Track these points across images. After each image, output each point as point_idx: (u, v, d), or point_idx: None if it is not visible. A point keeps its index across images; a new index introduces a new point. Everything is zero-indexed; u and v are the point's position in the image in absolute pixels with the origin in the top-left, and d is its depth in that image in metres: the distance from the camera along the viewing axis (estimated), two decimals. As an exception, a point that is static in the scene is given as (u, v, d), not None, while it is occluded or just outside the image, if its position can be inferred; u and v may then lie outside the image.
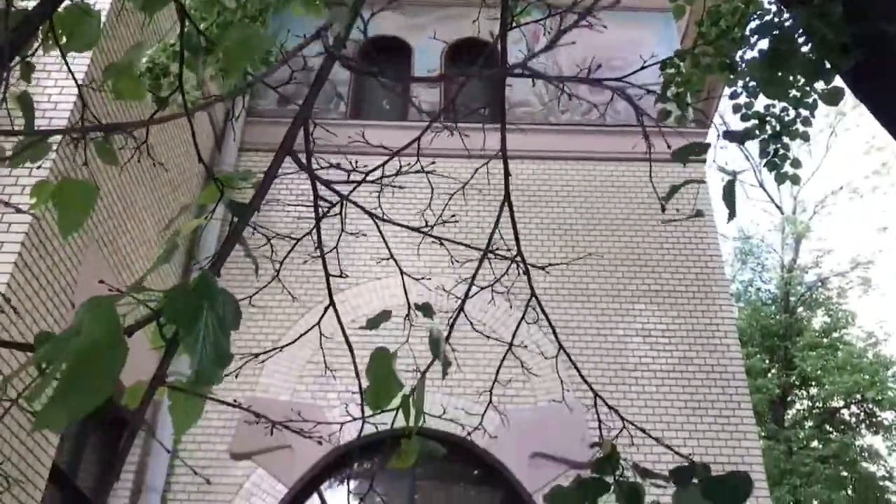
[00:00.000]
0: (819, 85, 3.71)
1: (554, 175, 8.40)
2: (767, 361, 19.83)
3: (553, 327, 2.69)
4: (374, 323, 1.89)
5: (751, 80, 4.22)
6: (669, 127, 3.09)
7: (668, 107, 4.82)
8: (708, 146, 1.96)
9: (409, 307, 2.03)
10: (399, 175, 2.15)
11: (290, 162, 1.87)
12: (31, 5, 1.84)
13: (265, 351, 2.38)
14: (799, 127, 4.32)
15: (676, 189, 2.07)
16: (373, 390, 1.66)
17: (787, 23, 3.40)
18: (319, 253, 1.95)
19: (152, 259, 6.60)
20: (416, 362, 2.29)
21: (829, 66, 3.30)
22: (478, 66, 2.30)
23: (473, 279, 2.43)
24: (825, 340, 19.63)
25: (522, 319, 2.56)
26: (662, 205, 1.86)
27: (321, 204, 1.94)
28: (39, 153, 1.89)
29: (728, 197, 2.01)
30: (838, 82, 3.51)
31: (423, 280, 2.73)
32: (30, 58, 2.13)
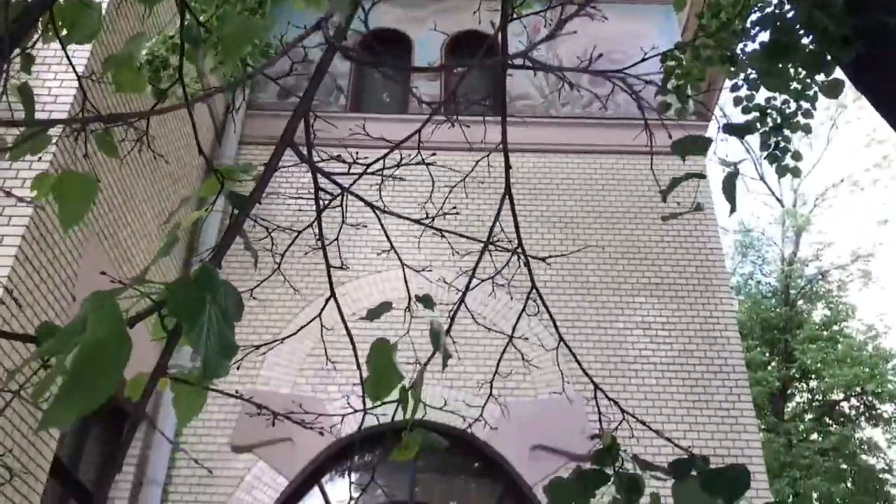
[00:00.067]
0: (819, 77, 3.70)
1: (554, 168, 8.39)
2: (767, 354, 19.84)
3: (553, 319, 2.69)
4: (375, 314, 1.88)
5: (752, 73, 4.22)
6: (670, 119, 3.08)
7: (669, 99, 4.81)
8: (709, 141, 1.95)
9: (410, 299, 2.03)
10: (400, 167, 2.15)
11: (291, 155, 1.87)
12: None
13: (266, 343, 2.38)
14: (800, 119, 4.31)
15: (677, 182, 2.07)
16: (373, 381, 1.66)
17: (788, 14, 3.39)
18: (320, 245, 1.95)
19: (153, 252, 6.60)
20: (417, 355, 2.30)
21: (830, 58, 3.29)
22: (478, 58, 2.30)
23: (474, 271, 2.43)
24: (825, 333, 19.64)
25: (523, 311, 2.56)
26: (664, 195, 1.85)
27: (322, 196, 1.94)
28: (40, 145, 1.89)
29: (728, 190, 2.01)
30: (839, 74, 3.50)
31: (424, 272, 2.73)
32: (30, 49, 2.13)
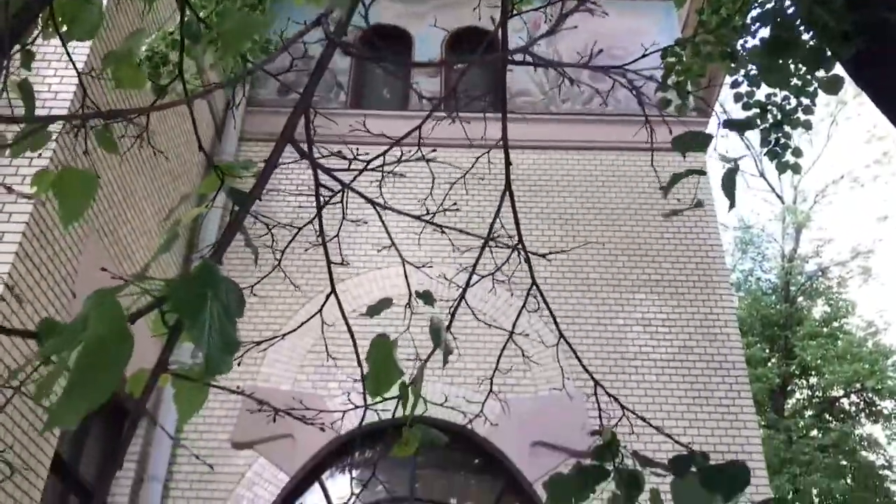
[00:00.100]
0: (820, 73, 3.70)
1: (555, 165, 8.39)
2: (767, 351, 19.85)
3: (554, 316, 2.69)
4: (375, 310, 1.88)
5: (752, 69, 4.21)
6: (671, 116, 3.08)
7: (669, 95, 4.81)
8: (710, 138, 1.95)
9: (410, 295, 2.04)
10: (400, 163, 2.15)
11: (291, 151, 1.87)
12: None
13: (267, 339, 2.38)
14: (800, 115, 4.31)
15: (678, 178, 2.07)
16: (373, 377, 1.66)
17: (789, 10, 3.39)
18: (321, 241, 1.95)
19: (153, 249, 6.60)
20: (417, 351, 2.30)
21: (830, 55, 3.29)
22: (479, 53, 2.29)
23: (475, 267, 2.43)
24: (825, 330, 19.65)
25: (523, 308, 2.56)
26: (664, 192, 1.85)
27: (322, 192, 1.94)
28: (40, 141, 1.88)
29: (728, 186, 2.01)
30: (839, 70, 3.50)
31: (424, 268, 2.73)
32: (30, 46, 2.12)
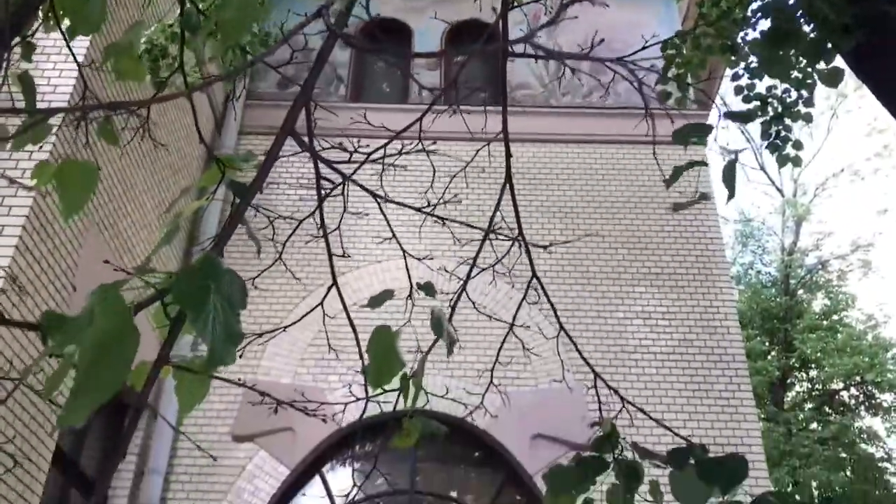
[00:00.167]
0: (820, 66, 3.70)
1: (555, 158, 8.39)
2: (767, 344, 19.86)
3: (554, 308, 2.70)
4: (377, 301, 1.89)
5: (752, 61, 4.21)
6: (672, 109, 3.08)
7: (669, 88, 4.81)
8: (710, 128, 1.95)
9: (412, 287, 2.04)
10: (401, 155, 2.15)
11: (291, 144, 1.87)
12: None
13: (269, 331, 2.39)
14: (801, 108, 4.31)
15: (681, 171, 2.07)
16: (374, 368, 1.66)
17: (790, 2, 3.38)
18: (322, 233, 1.95)
19: (153, 242, 6.61)
20: (419, 343, 2.30)
21: (830, 47, 3.28)
22: (479, 43, 2.29)
23: (475, 259, 2.43)
24: (825, 323, 19.66)
25: (524, 300, 2.56)
26: (668, 184, 1.85)
27: (323, 185, 1.94)
28: (41, 134, 1.88)
29: (728, 177, 2.01)
30: (839, 63, 3.50)
31: (425, 260, 2.73)
32: (30, 38, 2.12)
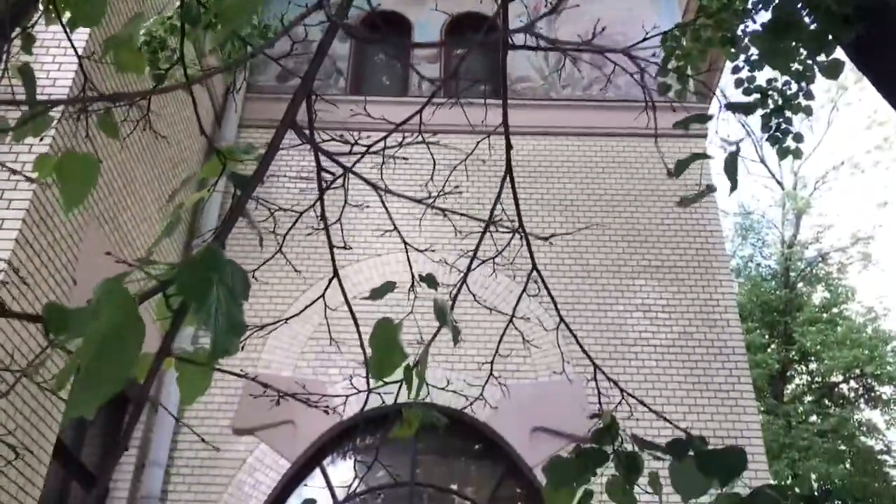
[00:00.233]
0: (820, 58, 3.69)
1: (555, 151, 8.38)
2: (767, 336, 19.89)
3: (554, 300, 2.70)
4: (379, 293, 1.89)
5: (753, 54, 4.20)
6: (672, 101, 3.08)
7: (669, 80, 4.80)
8: (710, 117, 1.95)
9: (413, 278, 2.04)
10: (402, 146, 2.15)
11: (291, 136, 1.87)
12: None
13: (271, 322, 2.39)
14: (801, 101, 4.30)
15: (685, 164, 2.06)
16: (376, 360, 1.66)
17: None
18: (323, 225, 1.95)
19: (153, 236, 6.61)
20: (421, 335, 2.30)
21: (831, 38, 3.28)
22: (480, 34, 2.29)
23: (476, 251, 2.43)
24: (825, 316, 19.68)
25: (524, 292, 2.57)
26: (674, 174, 1.85)
27: (324, 177, 1.94)
28: (41, 126, 1.88)
29: (729, 169, 2.01)
30: (839, 55, 3.49)
31: (426, 253, 2.73)
32: (30, 30, 2.11)
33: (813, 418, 18.65)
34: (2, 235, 4.68)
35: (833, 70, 3.58)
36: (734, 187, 1.95)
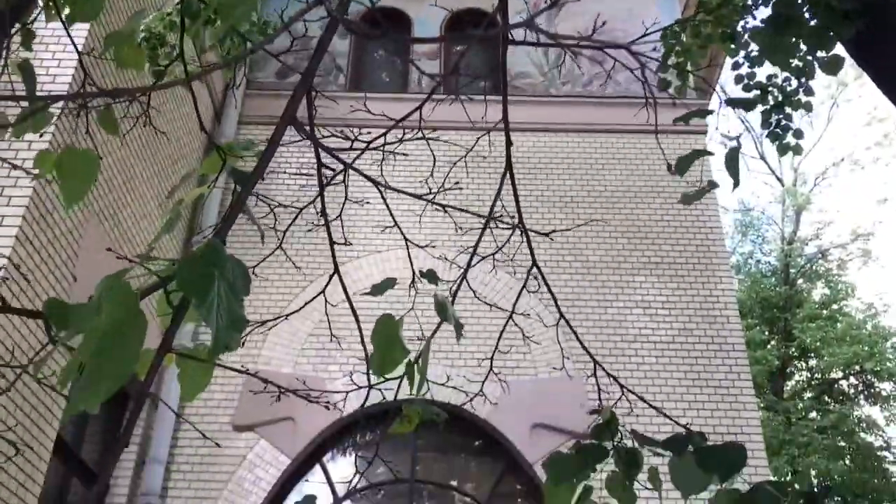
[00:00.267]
0: (820, 54, 3.69)
1: (555, 147, 8.38)
2: (767, 333, 19.89)
3: (554, 296, 2.70)
4: (380, 289, 1.89)
5: (753, 50, 4.20)
6: (673, 97, 3.07)
7: (669, 77, 4.80)
8: (710, 111, 1.95)
9: (414, 274, 2.04)
10: (402, 142, 2.15)
11: (291, 133, 1.86)
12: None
13: (272, 318, 2.39)
14: (801, 97, 4.30)
15: (688, 161, 2.06)
16: (378, 356, 1.66)
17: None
18: (324, 220, 1.95)
19: (153, 233, 6.61)
20: (422, 330, 2.30)
21: (831, 34, 3.28)
22: (481, 29, 2.29)
23: (476, 247, 2.43)
24: (825, 312, 19.67)
25: (524, 288, 2.57)
26: (679, 172, 1.85)
27: (324, 173, 1.94)
28: (41, 122, 1.88)
29: (731, 165, 2.01)
30: (839, 51, 3.49)
31: (427, 248, 2.73)
32: (30, 26, 2.11)
33: (813, 415, 18.65)
34: (2, 232, 4.68)
35: (832, 66, 3.57)
36: (737, 183, 1.95)
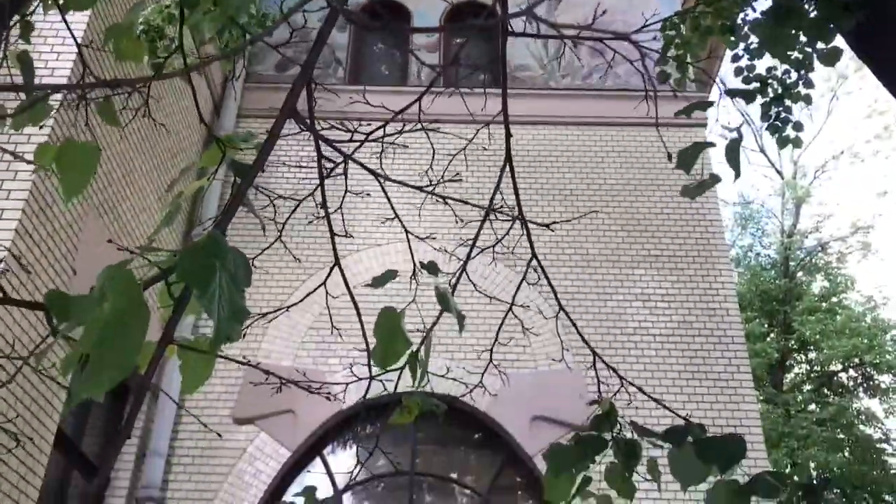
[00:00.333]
0: (820, 46, 3.68)
1: (554, 140, 8.37)
2: (766, 326, 19.92)
3: (553, 288, 2.70)
4: (380, 281, 1.89)
5: (752, 42, 4.19)
6: (673, 91, 3.07)
7: (668, 69, 4.79)
8: (711, 103, 1.95)
9: (415, 265, 2.04)
10: (402, 134, 2.15)
11: (290, 126, 1.86)
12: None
13: (273, 310, 2.39)
14: (801, 90, 4.29)
15: (693, 154, 2.05)
16: (381, 349, 1.66)
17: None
18: (324, 212, 1.95)
19: (152, 227, 6.61)
20: (423, 323, 2.31)
21: (831, 26, 3.27)
22: (480, 19, 2.28)
23: (476, 239, 2.43)
24: (824, 305, 19.69)
25: (523, 280, 2.57)
26: (670, 156, 1.85)
27: (324, 164, 1.93)
28: (40, 114, 1.87)
29: (731, 156, 2.01)
30: (839, 43, 3.48)
31: (427, 240, 2.73)
32: (28, 17, 2.10)
33: (812, 407, 18.69)
34: (1, 226, 4.68)
35: (831, 57, 3.57)
36: (737, 174, 1.95)
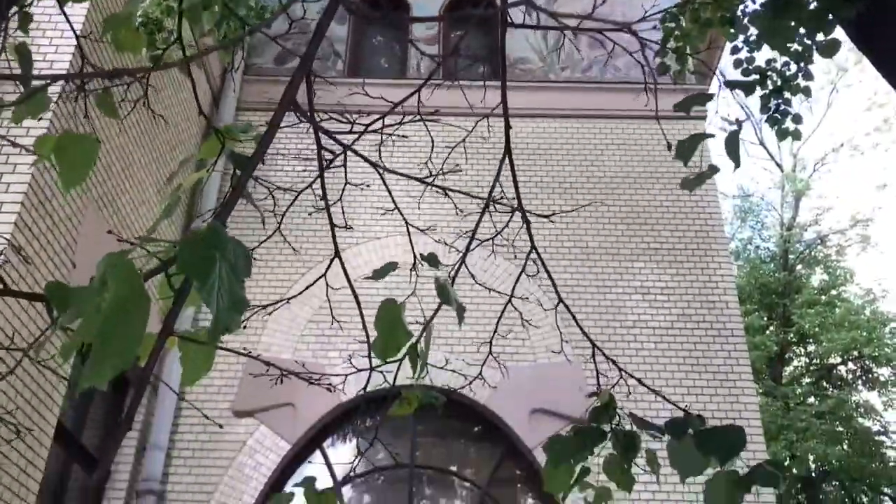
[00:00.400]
0: (819, 38, 3.68)
1: (554, 133, 8.36)
2: (766, 319, 19.93)
3: (553, 280, 2.70)
4: (381, 273, 1.89)
5: (752, 34, 4.19)
6: (672, 84, 3.07)
7: (668, 61, 4.79)
8: (711, 97, 1.95)
9: (415, 257, 2.04)
10: (402, 124, 2.14)
11: (290, 117, 1.86)
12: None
13: (273, 303, 2.39)
14: (800, 82, 4.30)
15: (692, 148, 2.05)
16: (381, 340, 1.67)
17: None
18: (324, 203, 1.95)
19: (152, 219, 6.60)
20: (423, 315, 2.31)
21: (831, 17, 3.27)
22: (480, 8, 2.28)
23: (475, 231, 2.44)
24: (823, 298, 19.71)
25: (523, 271, 2.57)
26: (670, 145, 1.85)
27: (324, 156, 1.93)
28: (39, 106, 1.87)
29: (731, 147, 2.01)
30: (838, 34, 3.48)
31: (427, 232, 2.73)
32: (27, 8, 2.10)
33: (811, 400, 18.72)
34: (1, 218, 4.68)
35: (829, 49, 3.57)
36: (737, 165, 1.95)
